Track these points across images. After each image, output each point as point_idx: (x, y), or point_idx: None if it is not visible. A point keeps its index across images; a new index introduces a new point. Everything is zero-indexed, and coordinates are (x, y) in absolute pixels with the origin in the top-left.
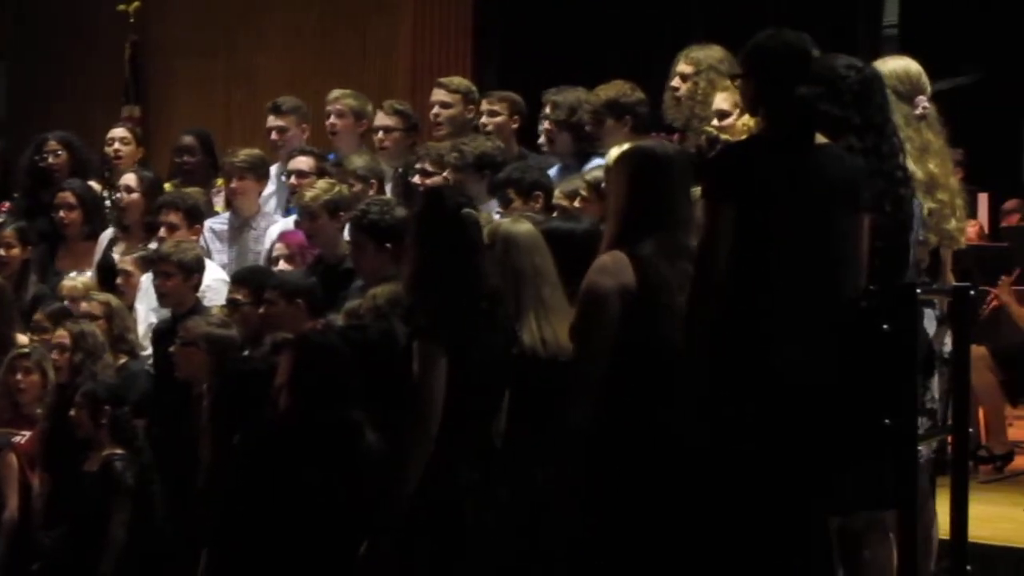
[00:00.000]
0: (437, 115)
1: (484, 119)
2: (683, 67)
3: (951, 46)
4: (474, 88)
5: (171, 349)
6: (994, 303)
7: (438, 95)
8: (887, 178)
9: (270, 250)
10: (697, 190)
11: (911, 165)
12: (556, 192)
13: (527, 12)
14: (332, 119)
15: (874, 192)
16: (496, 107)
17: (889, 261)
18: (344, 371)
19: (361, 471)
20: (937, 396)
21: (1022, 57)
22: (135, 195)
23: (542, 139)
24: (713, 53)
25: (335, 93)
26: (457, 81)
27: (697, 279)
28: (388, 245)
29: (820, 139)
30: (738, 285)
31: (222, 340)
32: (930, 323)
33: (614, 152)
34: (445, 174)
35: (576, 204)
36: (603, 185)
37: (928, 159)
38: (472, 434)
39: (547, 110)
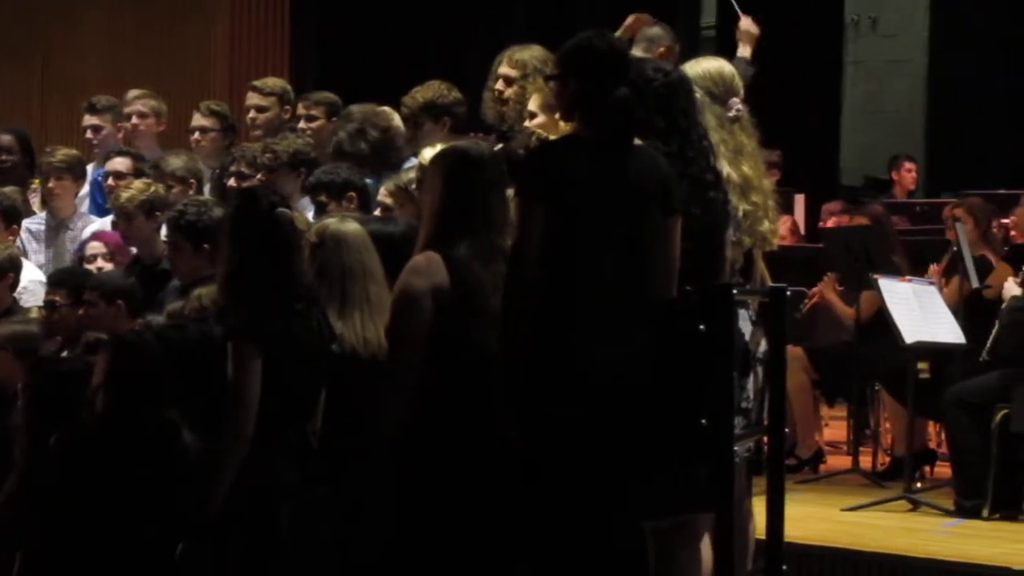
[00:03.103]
0: (254, 119)
1: (302, 122)
2: (506, 69)
3: (767, 47)
4: (289, 88)
5: None
6: (815, 299)
7: (253, 99)
8: (693, 181)
9: (81, 248)
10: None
11: (725, 167)
12: (381, 191)
13: (343, 13)
14: (134, 119)
15: (681, 195)
16: (313, 110)
17: (699, 263)
18: (160, 371)
19: (178, 472)
20: (752, 396)
21: (838, 62)
22: None
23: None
24: (536, 54)
25: (134, 93)
26: (271, 83)
27: (510, 279)
28: (206, 246)
29: (636, 141)
30: (551, 285)
31: (23, 337)
32: (744, 324)
33: (427, 153)
34: (260, 176)
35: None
36: (412, 187)
37: (742, 161)
38: (288, 434)
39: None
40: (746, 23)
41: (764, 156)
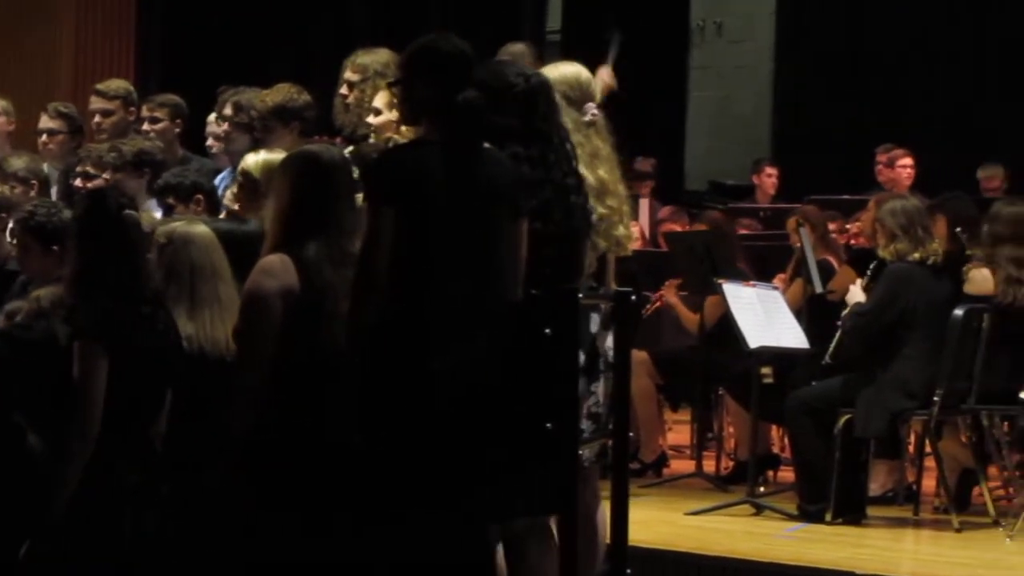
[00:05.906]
0: (99, 123)
1: (146, 124)
2: (349, 75)
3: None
4: (133, 90)
5: None
6: (658, 303)
7: (97, 103)
8: (555, 186)
9: None
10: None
11: (582, 171)
12: (227, 195)
13: (190, 15)
14: None
15: (541, 200)
16: (157, 112)
17: (560, 269)
18: (4, 373)
19: (22, 473)
20: (602, 400)
21: (682, 68)
22: None
23: (210, 140)
24: (379, 58)
25: None
26: (115, 86)
27: (358, 280)
28: (55, 247)
29: (484, 144)
30: (399, 287)
31: None
32: (595, 328)
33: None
34: (106, 175)
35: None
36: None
37: (599, 165)
38: (133, 435)
39: (227, 111)
40: (604, 73)
41: (639, 165)
